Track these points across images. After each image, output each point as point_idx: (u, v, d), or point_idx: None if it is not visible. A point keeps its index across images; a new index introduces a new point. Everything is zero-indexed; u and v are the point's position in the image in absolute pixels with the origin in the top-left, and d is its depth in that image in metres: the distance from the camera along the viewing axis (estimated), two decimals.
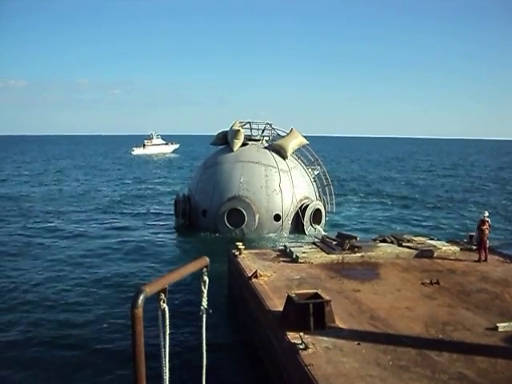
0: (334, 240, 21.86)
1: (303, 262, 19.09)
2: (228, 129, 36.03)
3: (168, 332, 4.06)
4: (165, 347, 4.08)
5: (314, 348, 11.21)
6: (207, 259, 4.63)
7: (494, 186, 71.53)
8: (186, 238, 32.39)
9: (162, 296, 3.88)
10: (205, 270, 4.60)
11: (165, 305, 3.91)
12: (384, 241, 22.70)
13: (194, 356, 9.15)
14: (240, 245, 20.37)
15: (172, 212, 37.88)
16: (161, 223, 38.21)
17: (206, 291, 4.65)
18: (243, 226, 31.04)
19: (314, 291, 13.35)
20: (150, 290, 3.69)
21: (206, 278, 4.60)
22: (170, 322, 4.02)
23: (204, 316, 4.73)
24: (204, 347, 4.93)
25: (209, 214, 32.71)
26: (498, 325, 12.98)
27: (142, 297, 3.56)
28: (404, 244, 21.90)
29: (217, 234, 31.32)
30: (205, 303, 4.69)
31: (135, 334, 3.66)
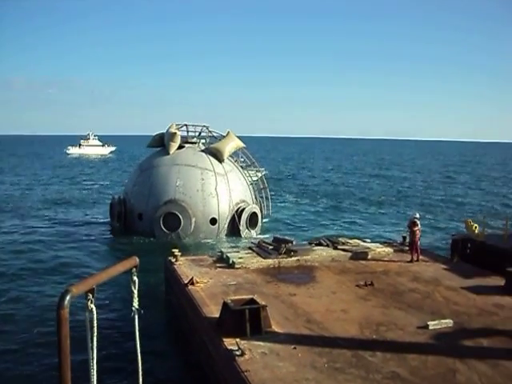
0: (270, 244, 21.92)
1: (240, 268, 19.03)
2: (164, 131, 35.68)
3: (96, 333, 3.96)
4: (92, 349, 3.97)
5: (250, 354, 11.16)
6: (137, 259, 4.55)
7: (429, 187, 74.03)
8: (121, 241, 31.53)
9: (90, 296, 3.79)
10: (134, 270, 4.54)
11: (92, 305, 3.82)
12: (319, 244, 22.97)
13: (130, 360, 8.92)
14: (176, 251, 20.12)
15: (107, 215, 36.94)
16: (95, 226, 37.04)
17: (136, 291, 4.58)
18: (179, 229, 30.76)
19: (250, 297, 13.31)
20: (76, 290, 3.58)
21: (135, 278, 4.55)
22: (97, 323, 3.91)
23: (136, 317, 4.64)
24: (138, 349, 4.83)
25: (144, 218, 32.21)
26: (428, 323, 13.36)
27: (68, 297, 3.45)
28: (339, 247, 22.22)
29: (152, 239, 30.83)
30: (136, 304, 4.60)
31: (61, 336, 3.53)
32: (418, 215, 21.84)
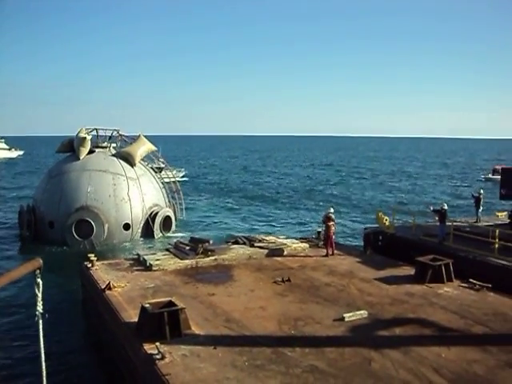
0: (187, 245, 21.73)
1: (157, 270, 18.74)
2: (74, 135, 34.49)
3: None
4: None
5: (170, 357, 10.99)
6: (40, 261, 4.33)
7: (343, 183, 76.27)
8: (31, 251, 29.98)
9: None
10: (38, 272, 4.31)
11: None
12: (236, 242, 23.05)
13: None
14: (92, 256, 19.54)
15: (16, 224, 35.08)
16: (2, 236, 35.10)
17: (40, 294, 4.37)
18: (92, 236, 29.93)
19: (169, 299, 13.09)
20: None
21: (39, 281, 4.34)
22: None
23: (40, 321, 4.42)
24: (42, 354, 4.62)
25: (56, 226, 31.02)
26: (344, 315, 13.73)
27: None
28: (256, 244, 22.39)
29: (65, 247, 29.70)
30: (40, 308, 4.38)
31: None
32: (332, 210, 22.39)
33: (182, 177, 72.63)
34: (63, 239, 30.01)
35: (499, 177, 76.26)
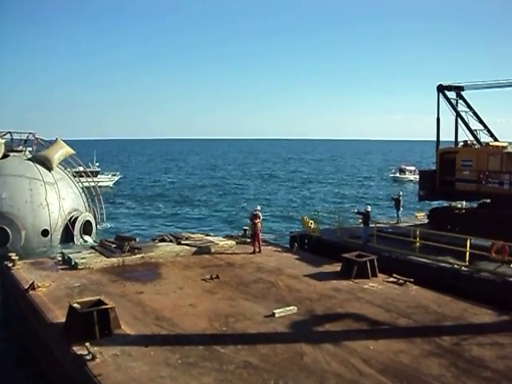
0: (113, 243, 21.26)
1: (83, 268, 18.21)
2: None
3: None
4: None
5: (101, 357, 10.67)
6: None
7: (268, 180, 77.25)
8: None
9: None
10: None
11: None
12: (163, 240, 22.82)
13: None
14: (13, 255, 18.65)
15: None
16: None
17: None
18: (8, 244, 28.43)
19: (97, 298, 12.73)
20: None
21: None
22: None
23: None
24: None
25: None
26: (274, 311, 13.87)
27: None
28: (183, 242, 22.25)
29: None
30: None
31: None
32: (258, 207, 22.59)
33: (117, 181, 71.67)
34: None
35: (406, 175, 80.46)
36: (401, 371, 10.55)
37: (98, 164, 72.80)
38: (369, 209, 22.75)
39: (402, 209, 27.53)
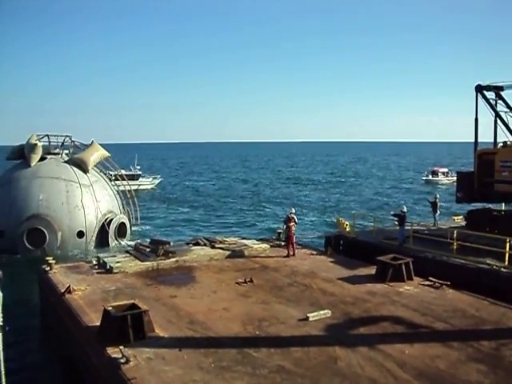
0: (148, 247, 21.47)
1: (118, 272, 18.43)
2: (25, 142, 33.61)
3: None
4: None
5: (135, 360, 10.76)
6: (0, 272, 4.15)
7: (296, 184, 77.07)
8: None
9: None
10: None
11: None
12: (197, 244, 22.89)
13: None
14: (50, 259, 19.05)
15: None
16: None
17: (0, 307, 4.19)
18: (45, 245, 29.15)
19: (131, 302, 12.85)
20: None
21: None
22: None
23: (0, 334, 4.25)
24: (2, 367, 4.45)
25: (6, 235, 29.93)
26: (308, 315, 13.76)
27: None
28: (217, 245, 22.29)
29: (18, 256, 28.73)
30: (0, 320, 4.21)
31: None
32: (293, 210, 22.49)
33: (157, 184, 73.05)
34: (14, 249, 29.00)
35: (439, 178, 78.90)
36: (437, 377, 10.33)
37: (139, 167, 73.99)
38: (404, 210, 22.46)
39: (439, 211, 27.07)
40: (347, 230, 24.62)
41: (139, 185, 66.46)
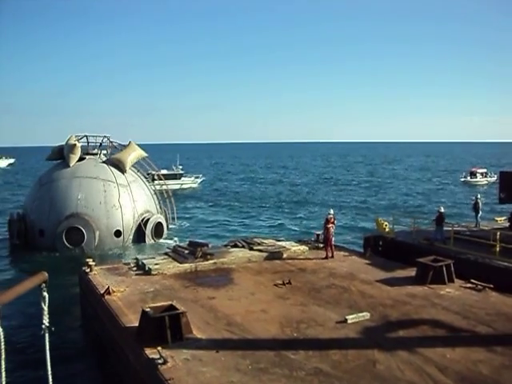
0: (186, 249, 21.63)
1: (156, 274, 18.61)
2: (64, 143, 34.46)
3: (3, 356, 3.65)
4: (0, 372, 3.71)
5: (173, 361, 10.84)
6: (45, 274, 4.24)
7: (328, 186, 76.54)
8: (23, 259, 29.68)
9: None
10: (43, 285, 4.23)
11: None
12: (235, 246, 22.95)
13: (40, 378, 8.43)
14: (90, 261, 19.42)
15: (6, 233, 34.64)
16: None
17: (46, 308, 4.29)
18: (83, 244, 29.83)
19: (169, 303, 12.96)
20: None
21: (45, 294, 4.27)
22: (5, 345, 3.58)
23: (46, 335, 4.33)
24: (49, 369, 4.54)
25: (46, 234, 30.87)
26: (346, 317, 13.62)
27: None
28: (255, 247, 22.29)
29: (57, 254, 29.46)
30: (46, 321, 4.30)
31: None
32: (332, 211, 22.33)
33: (200, 183, 73.89)
34: (54, 247, 29.83)
35: (477, 179, 77.11)
36: (480, 382, 10.07)
37: (181, 167, 74.72)
38: (442, 210, 22.07)
39: (480, 212, 26.44)
40: (386, 230, 24.30)
41: (181, 184, 67.20)
